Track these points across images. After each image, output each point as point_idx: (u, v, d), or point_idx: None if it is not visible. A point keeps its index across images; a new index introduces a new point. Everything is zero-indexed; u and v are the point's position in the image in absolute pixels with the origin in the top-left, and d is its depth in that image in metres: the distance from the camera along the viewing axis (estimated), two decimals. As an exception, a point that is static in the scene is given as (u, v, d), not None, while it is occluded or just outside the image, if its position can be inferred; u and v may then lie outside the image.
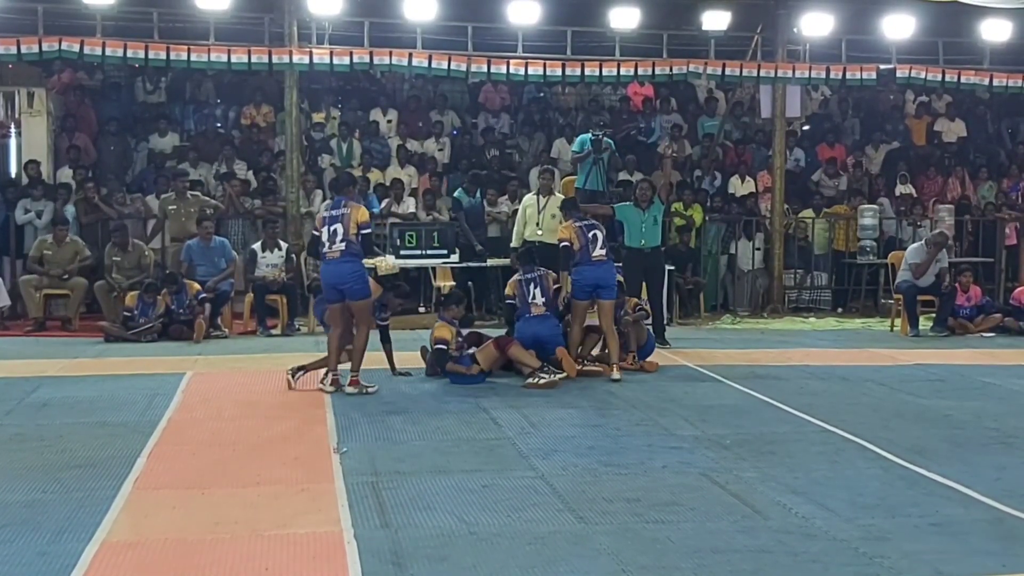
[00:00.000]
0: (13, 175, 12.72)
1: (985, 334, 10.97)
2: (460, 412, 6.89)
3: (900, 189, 13.85)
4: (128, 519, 4.65)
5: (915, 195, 13.74)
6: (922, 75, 12.77)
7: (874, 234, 12.77)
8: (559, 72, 11.90)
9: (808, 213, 13.19)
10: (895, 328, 11.32)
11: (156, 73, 13.53)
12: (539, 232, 10.52)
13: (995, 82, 13.03)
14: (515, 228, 10.90)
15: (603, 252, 8.11)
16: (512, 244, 10.87)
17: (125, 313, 10.11)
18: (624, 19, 11.85)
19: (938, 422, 6.81)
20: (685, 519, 4.78)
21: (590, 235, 8.14)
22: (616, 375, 7.88)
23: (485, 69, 11.81)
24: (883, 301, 12.48)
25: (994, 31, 12.62)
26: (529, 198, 10.80)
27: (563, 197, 10.89)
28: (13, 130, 12.97)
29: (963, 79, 12.89)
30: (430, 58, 11.59)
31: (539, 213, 10.56)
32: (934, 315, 11.16)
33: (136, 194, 12.05)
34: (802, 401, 7.28)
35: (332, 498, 4.97)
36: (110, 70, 13.51)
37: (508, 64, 11.74)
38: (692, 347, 9.63)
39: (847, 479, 5.46)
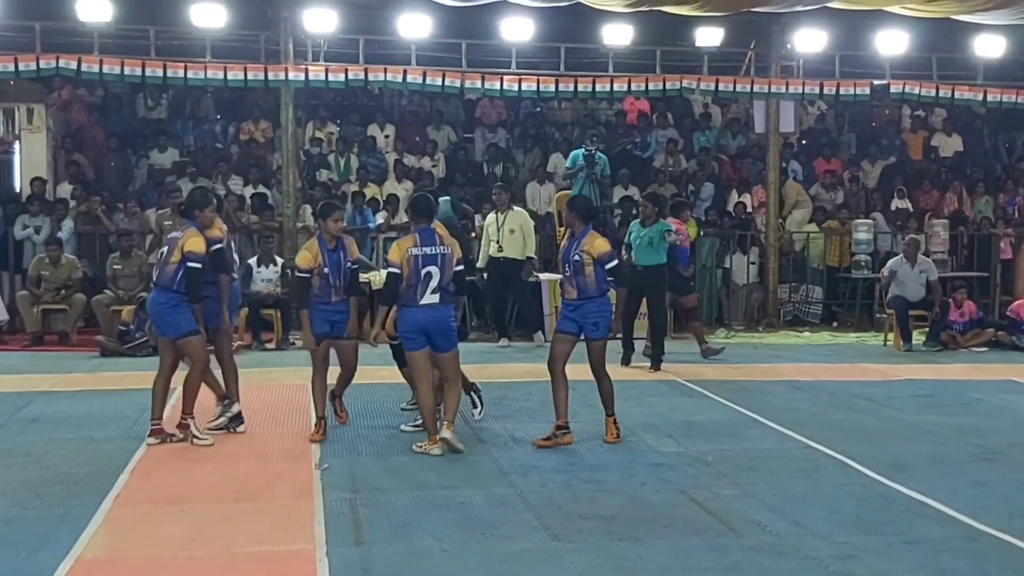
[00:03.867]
0: (18, 190, 12.83)
1: (977, 349, 10.96)
2: (444, 428, 6.91)
3: (896, 203, 13.86)
4: (105, 536, 4.70)
5: (911, 209, 13.75)
6: (916, 90, 12.82)
7: (869, 248, 12.79)
8: (552, 88, 12.00)
9: (811, 227, 13.21)
10: (888, 343, 11.31)
11: (157, 89, 13.65)
12: (500, 250, 10.48)
13: (989, 97, 13.06)
14: (481, 249, 10.92)
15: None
16: (478, 264, 10.84)
17: (121, 327, 10.19)
18: (617, 36, 11.94)
19: (921, 438, 6.82)
20: (659, 537, 4.80)
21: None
22: (446, 433, 6.13)
23: (479, 85, 11.92)
24: (878, 315, 12.47)
25: (987, 47, 12.66)
26: (489, 217, 10.79)
27: (524, 211, 10.87)
28: (16, 146, 13.10)
29: (957, 94, 12.93)
30: (424, 74, 11.70)
31: (498, 231, 10.53)
32: (927, 330, 11.17)
33: (136, 208, 12.12)
34: (787, 417, 7.30)
35: (309, 515, 5.01)
36: (111, 86, 13.64)
37: (502, 80, 11.85)
38: (683, 361, 9.64)
39: (825, 496, 5.48)
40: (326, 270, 6.44)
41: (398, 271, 6.12)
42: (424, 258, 6.12)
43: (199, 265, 6.34)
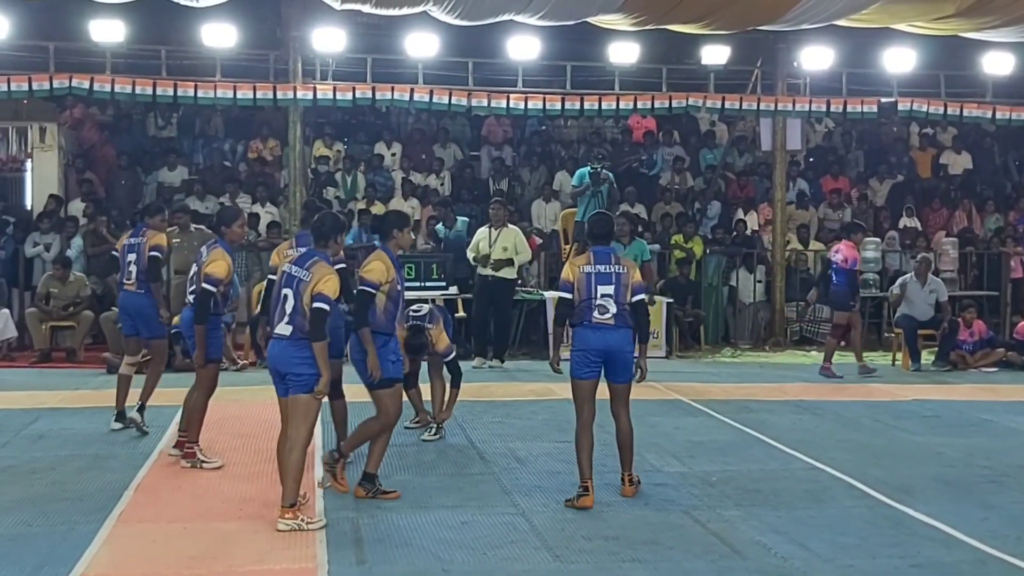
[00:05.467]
0: (30, 208, 12.92)
1: (987, 369, 10.87)
2: (448, 446, 6.91)
3: (905, 222, 13.82)
4: (107, 554, 4.70)
5: (920, 228, 13.70)
6: (924, 108, 12.80)
7: (876, 267, 12.73)
8: (559, 106, 12.04)
9: (815, 245, 13.17)
10: (897, 362, 11.24)
11: (167, 108, 13.77)
12: (488, 266, 10.22)
13: (998, 115, 13.02)
14: (470, 245, 10.57)
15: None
16: (469, 253, 10.50)
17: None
18: (623, 54, 11.98)
19: (929, 460, 6.76)
20: (662, 558, 4.77)
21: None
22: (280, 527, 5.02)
23: (486, 103, 11.99)
24: (886, 335, 12.40)
25: (996, 64, 12.64)
26: (482, 231, 10.51)
27: (519, 230, 10.58)
28: (28, 164, 13.21)
29: (966, 112, 12.89)
30: (431, 93, 11.77)
31: (490, 247, 10.23)
32: (936, 349, 11.09)
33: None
34: (793, 437, 7.25)
35: (311, 534, 5.00)
36: (122, 105, 13.75)
37: (508, 98, 11.91)
38: (688, 381, 9.60)
39: (831, 518, 5.44)
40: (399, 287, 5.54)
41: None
42: (286, 277, 5.18)
43: (213, 288, 6.17)
